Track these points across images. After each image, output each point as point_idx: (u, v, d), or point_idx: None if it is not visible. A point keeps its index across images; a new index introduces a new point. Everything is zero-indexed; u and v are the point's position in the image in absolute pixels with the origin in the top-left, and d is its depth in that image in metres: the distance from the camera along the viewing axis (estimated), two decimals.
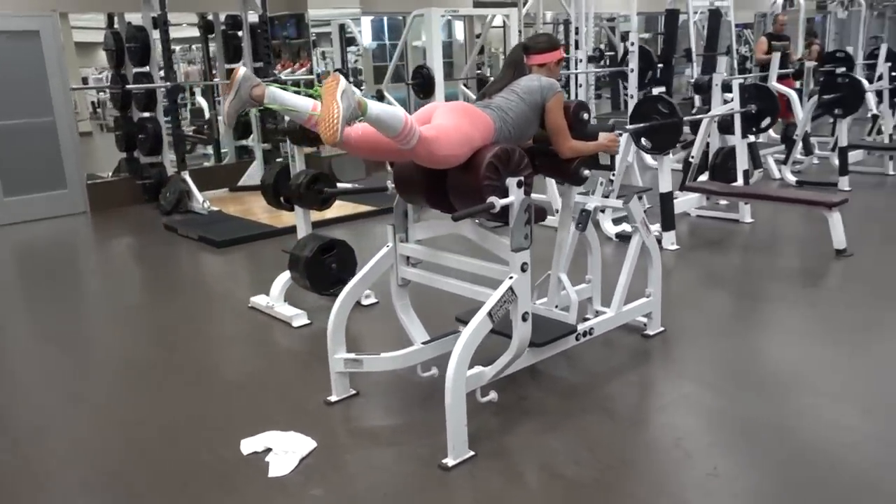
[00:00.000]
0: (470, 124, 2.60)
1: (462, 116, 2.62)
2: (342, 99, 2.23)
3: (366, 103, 2.31)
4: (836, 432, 2.61)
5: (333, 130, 2.22)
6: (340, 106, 2.22)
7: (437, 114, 2.64)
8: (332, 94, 2.23)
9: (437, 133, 2.47)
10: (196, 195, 6.86)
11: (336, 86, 2.25)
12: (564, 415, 2.84)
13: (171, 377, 3.35)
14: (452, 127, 2.54)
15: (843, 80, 6.35)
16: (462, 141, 2.53)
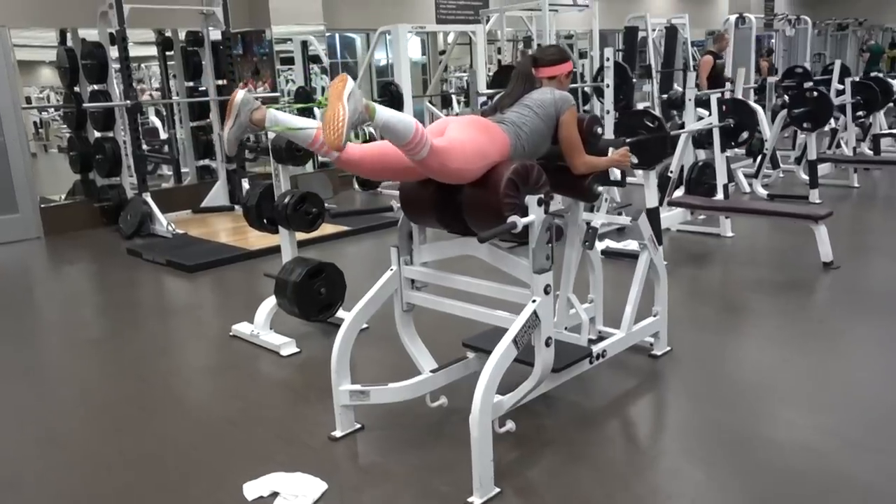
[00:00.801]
0: (486, 139, 2.46)
1: (477, 130, 2.49)
2: (348, 101, 2.09)
3: (374, 107, 2.16)
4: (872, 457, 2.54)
5: (338, 134, 2.06)
6: (346, 108, 2.07)
7: (451, 127, 2.50)
8: (339, 95, 2.08)
9: (450, 144, 2.33)
10: (159, 217, 6.57)
11: (343, 87, 2.10)
12: (587, 444, 2.70)
13: (153, 415, 3.10)
14: (467, 140, 2.40)
15: (812, 95, 6.43)
16: (477, 155, 2.39)
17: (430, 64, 10.73)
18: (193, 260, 5.46)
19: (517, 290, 2.55)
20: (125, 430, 2.95)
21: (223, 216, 7.40)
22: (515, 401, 2.57)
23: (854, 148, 7.70)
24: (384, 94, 8.05)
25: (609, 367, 3.24)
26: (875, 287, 4.36)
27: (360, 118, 2.13)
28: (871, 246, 5.29)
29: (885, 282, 4.47)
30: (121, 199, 6.91)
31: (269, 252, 5.67)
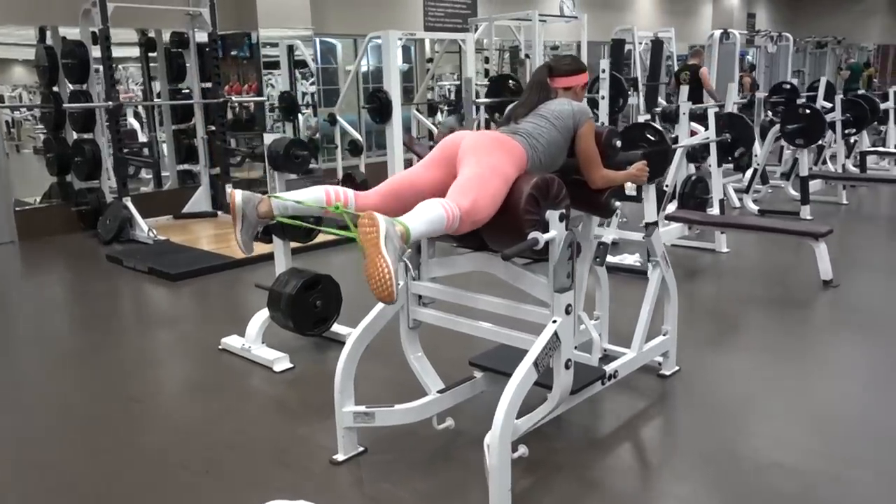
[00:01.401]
0: (505, 159, 2.36)
1: (495, 150, 2.37)
2: (387, 248, 1.91)
3: (408, 231, 2.01)
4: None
5: (389, 291, 1.91)
6: (388, 259, 1.90)
7: (468, 150, 2.38)
8: (375, 244, 1.90)
9: (473, 200, 2.21)
10: (140, 223, 6.36)
11: (376, 234, 1.91)
12: (601, 470, 2.59)
13: (141, 436, 2.92)
14: (488, 171, 2.29)
15: (805, 111, 6.42)
16: (500, 187, 2.30)
17: (416, 71, 10.62)
18: (177, 268, 5.27)
19: (534, 309, 2.44)
20: (111, 453, 2.77)
21: (205, 222, 7.20)
22: (532, 424, 2.45)
23: (843, 165, 7.72)
24: (372, 100, 7.90)
25: (618, 386, 3.12)
26: (876, 306, 4.31)
27: (401, 251, 1.99)
28: (867, 264, 5.26)
29: (887, 301, 4.42)
30: (99, 203, 6.68)
31: (256, 261, 5.50)
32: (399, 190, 2.45)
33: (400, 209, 2.49)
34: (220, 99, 7.11)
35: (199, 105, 7.36)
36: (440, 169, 2.47)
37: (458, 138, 2.49)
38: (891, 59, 20.51)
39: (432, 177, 2.46)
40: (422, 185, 2.44)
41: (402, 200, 2.43)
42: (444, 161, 2.47)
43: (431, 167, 2.49)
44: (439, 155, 2.50)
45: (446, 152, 2.48)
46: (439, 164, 2.48)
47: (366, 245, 1.93)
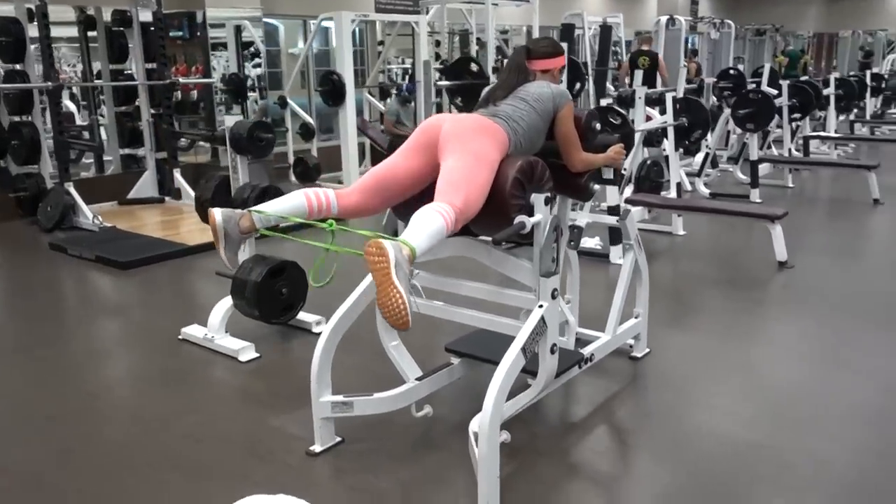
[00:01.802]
0: (489, 143, 2.31)
1: (478, 135, 2.31)
2: (398, 277, 1.86)
3: (413, 250, 1.95)
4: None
5: (404, 319, 1.87)
6: (400, 289, 1.85)
7: (450, 138, 2.32)
8: (386, 275, 1.85)
9: (467, 197, 2.17)
10: (83, 209, 6.08)
11: (387, 263, 1.86)
12: (584, 453, 2.59)
13: (104, 432, 2.79)
14: (474, 161, 2.24)
15: (756, 97, 6.55)
16: (488, 175, 2.26)
17: (367, 54, 10.45)
18: (126, 256, 5.06)
19: (518, 294, 2.41)
20: (73, 452, 2.63)
21: (152, 208, 6.95)
22: (515, 410, 2.43)
23: (790, 149, 7.92)
24: (325, 83, 7.75)
25: (591, 370, 3.12)
26: (829, 286, 4.43)
27: (410, 276, 1.94)
28: (817, 245, 5.41)
29: (839, 281, 4.55)
30: (39, 189, 6.35)
31: (209, 248, 5.26)
32: (380, 182, 2.39)
33: (383, 202, 2.44)
34: (165, 80, 6.84)
35: (143, 87, 7.07)
36: (420, 156, 2.40)
37: (437, 122, 2.43)
38: (825, 46, 21.18)
39: (413, 165, 2.40)
40: (403, 175, 2.39)
41: (384, 192, 2.39)
42: (425, 147, 2.40)
43: (411, 155, 2.42)
44: (419, 141, 2.43)
45: (426, 138, 2.41)
46: (419, 150, 2.41)
47: (376, 276, 1.88)
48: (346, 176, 7.92)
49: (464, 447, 2.44)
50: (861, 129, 10.99)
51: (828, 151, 9.37)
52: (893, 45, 19.75)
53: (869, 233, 6.11)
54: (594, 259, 4.90)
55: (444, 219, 2.07)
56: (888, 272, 4.79)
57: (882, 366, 3.30)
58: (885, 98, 12.38)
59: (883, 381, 3.13)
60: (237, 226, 2.25)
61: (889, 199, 6.88)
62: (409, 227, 2.05)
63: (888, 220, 6.40)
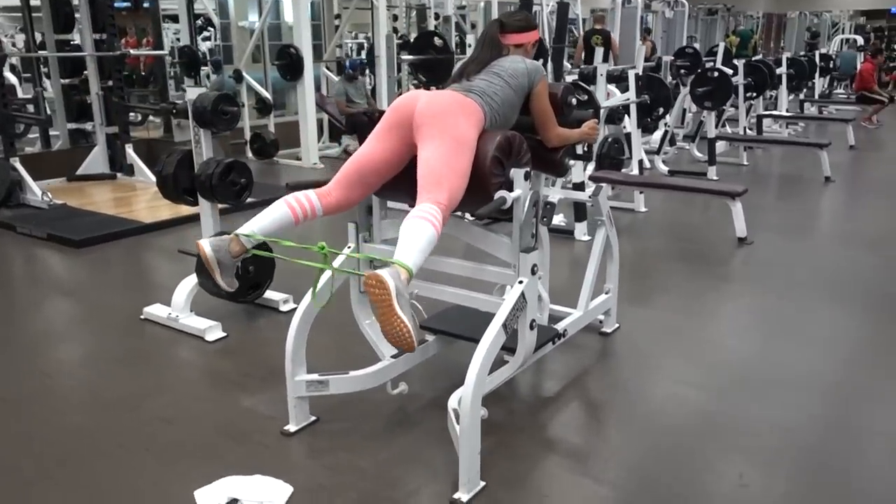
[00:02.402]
0: (466, 123, 2.27)
1: (454, 115, 2.26)
2: (400, 304, 1.88)
3: (410, 272, 1.96)
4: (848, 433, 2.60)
5: (410, 346, 1.93)
6: (403, 318, 1.87)
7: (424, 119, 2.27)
8: (389, 306, 1.87)
9: (450, 189, 2.16)
10: (32, 186, 5.86)
11: (388, 295, 1.87)
12: (560, 428, 2.62)
13: (69, 415, 2.70)
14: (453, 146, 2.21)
15: (713, 75, 6.64)
16: (468, 158, 2.23)
17: (324, 28, 10.23)
18: (80, 234, 4.89)
19: (497, 270, 2.40)
20: (37, 436, 2.54)
21: (103, 185, 6.73)
22: (492, 387, 2.42)
23: (745, 128, 8.07)
24: (282, 57, 7.58)
25: (562, 346, 3.14)
26: (788, 261, 4.54)
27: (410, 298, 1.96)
28: (774, 222, 5.53)
29: (797, 256, 4.67)
30: None
31: (167, 225, 5.23)
32: (358, 173, 2.35)
33: (364, 191, 2.41)
34: (115, 52, 6.60)
35: (91, 58, 6.79)
36: (394, 137, 2.34)
37: (411, 101, 2.35)
38: (774, 27, 21.58)
39: (388, 148, 2.35)
40: (379, 161, 2.35)
41: (364, 182, 2.36)
42: (398, 127, 2.34)
43: (385, 137, 2.36)
44: (391, 121, 2.36)
45: (399, 116, 2.34)
46: (392, 131, 2.35)
47: (379, 306, 1.90)
48: (305, 152, 7.80)
49: (440, 423, 2.43)
50: (810, 109, 11.28)
51: (779, 130, 9.58)
52: (838, 26, 20.26)
53: (822, 210, 6.28)
54: (559, 236, 4.92)
55: (433, 225, 2.06)
56: (841, 247, 4.94)
57: (837, 337, 3.41)
58: (833, 78, 12.70)
59: (836, 352, 3.23)
60: (228, 252, 2.23)
61: (839, 176, 7.08)
62: (400, 241, 2.04)
63: (840, 197, 6.60)
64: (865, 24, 22.93)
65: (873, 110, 10.94)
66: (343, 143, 8.57)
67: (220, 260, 2.22)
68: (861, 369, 3.07)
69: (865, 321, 3.60)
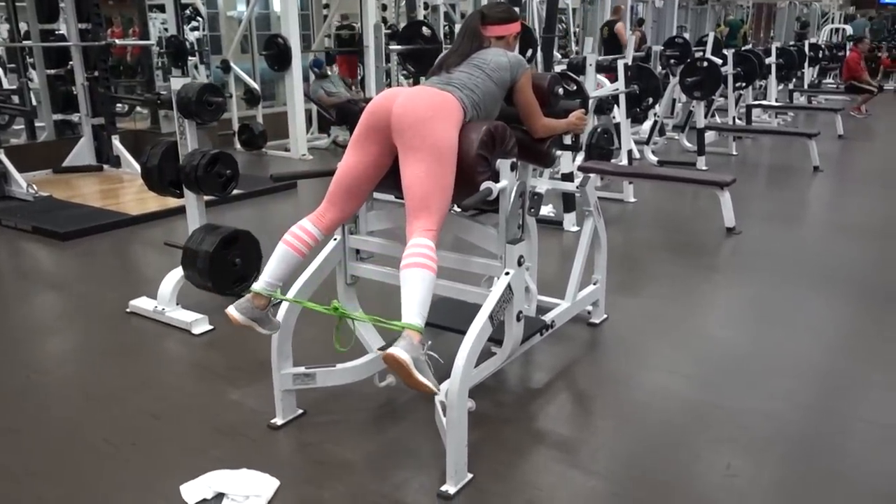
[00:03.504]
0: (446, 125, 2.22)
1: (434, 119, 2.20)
2: (420, 371, 1.97)
3: (420, 330, 2.04)
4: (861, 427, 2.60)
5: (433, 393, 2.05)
6: (426, 382, 1.98)
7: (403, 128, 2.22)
8: (410, 377, 1.96)
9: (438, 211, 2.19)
10: (17, 178, 5.80)
11: (409, 368, 1.94)
12: (548, 419, 2.61)
13: (54, 410, 2.68)
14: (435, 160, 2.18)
15: (703, 65, 6.63)
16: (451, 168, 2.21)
17: (312, 18, 10.16)
18: (65, 226, 4.84)
19: (483, 262, 2.38)
20: (23, 431, 2.52)
21: (90, 177, 6.67)
22: (480, 379, 2.42)
23: (734, 118, 8.07)
24: (270, 46, 7.52)
25: (551, 337, 3.14)
26: (776, 250, 4.55)
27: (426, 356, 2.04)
28: (762, 211, 5.54)
29: (785, 245, 4.68)
30: None
31: (153, 217, 5.19)
32: (345, 189, 2.35)
33: (358, 202, 2.43)
34: (101, 42, 6.52)
35: (77, 48, 6.71)
36: (372, 143, 2.31)
37: (386, 103, 2.28)
38: (764, 16, 21.59)
39: (368, 156, 2.32)
40: (363, 171, 2.33)
41: (354, 195, 2.37)
42: (375, 132, 2.29)
43: (363, 146, 2.32)
44: (369, 125, 2.31)
45: (375, 121, 2.29)
46: (370, 137, 2.31)
47: (400, 376, 1.99)
48: (294, 142, 7.76)
49: (428, 415, 2.42)
50: (799, 98, 11.29)
51: (769, 120, 9.59)
52: (827, 15, 20.27)
53: (811, 199, 6.30)
54: (548, 227, 4.91)
55: (430, 269, 2.09)
56: (829, 237, 4.95)
57: (826, 326, 3.42)
58: (822, 68, 12.71)
59: (825, 341, 3.25)
60: (255, 309, 2.28)
61: (827, 166, 7.10)
62: (404, 298, 2.07)
63: (828, 187, 6.61)
64: (855, 13, 22.96)
65: (862, 100, 10.97)
66: (332, 135, 8.53)
67: (254, 318, 2.28)
68: (850, 358, 3.08)
69: (854, 310, 3.61)
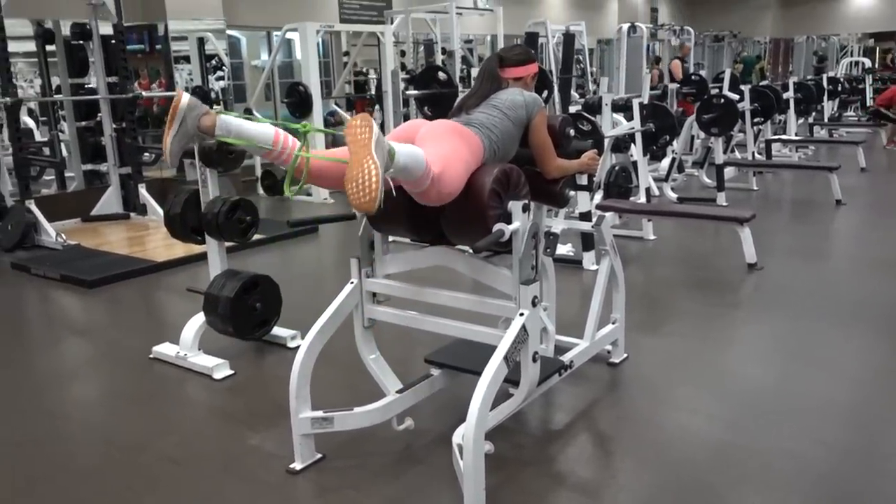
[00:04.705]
0: (465, 148, 2.28)
1: (456, 138, 2.29)
2: (377, 152, 1.80)
3: (394, 150, 1.90)
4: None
5: (371, 197, 1.79)
6: (377, 161, 1.78)
7: (427, 137, 2.29)
8: (366, 146, 1.79)
9: (443, 167, 2.13)
10: (46, 227, 5.95)
11: (369, 135, 1.79)
12: (568, 462, 2.58)
13: (75, 457, 2.70)
14: (452, 154, 2.21)
15: (720, 101, 6.66)
16: (463, 170, 2.23)
17: (332, 64, 10.40)
18: (92, 274, 4.94)
19: (497, 303, 2.39)
20: (44, 478, 2.55)
21: (117, 225, 6.81)
22: (498, 421, 2.41)
23: (753, 153, 8.06)
24: (292, 94, 7.69)
25: (570, 377, 3.12)
26: (799, 287, 4.49)
27: (386, 166, 1.86)
28: (784, 246, 5.50)
29: (808, 281, 4.62)
30: None
31: (178, 263, 5.27)
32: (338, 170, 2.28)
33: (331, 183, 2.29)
34: (128, 94, 6.73)
35: (105, 101, 6.93)
36: None
37: (415, 125, 2.40)
38: (782, 51, 21.66)
39: None
40: None
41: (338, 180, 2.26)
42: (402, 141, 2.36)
43: None
44: (397, 137, 2.38)
45: (404, 135, 2.36)
46: None
47: (353, 145, 1.81)
48: (316, 188, 7.86)
49: (447, 459, 2.41)
50: (820, 132, 11.25)
51: (789, 154, 9.55)
52: (846, 49, 20.27)
53: (834, 233, 6.23)
54: (567, 266, 4.92)
55: (425, 159, 2.01)
56: (854, 271, 4.89)
57: (850, 363, 3.36)
58: (842, 101, 12.68)
59: (852, 378, 3.18)
60: (198, 119, 2.07)
61: (850, 199, 7.03)
62: None
63: (852, 221, 6.54)
64: (875, 46, 22.91)
65: (892, 131, 10.91)
66: None
67: (186, 119, 2.05)
68: (877, 395, 3.02)
69: (880, 346, 3.55)
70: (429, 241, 2.53)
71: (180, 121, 2.08)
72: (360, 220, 2.57)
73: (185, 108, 2.07)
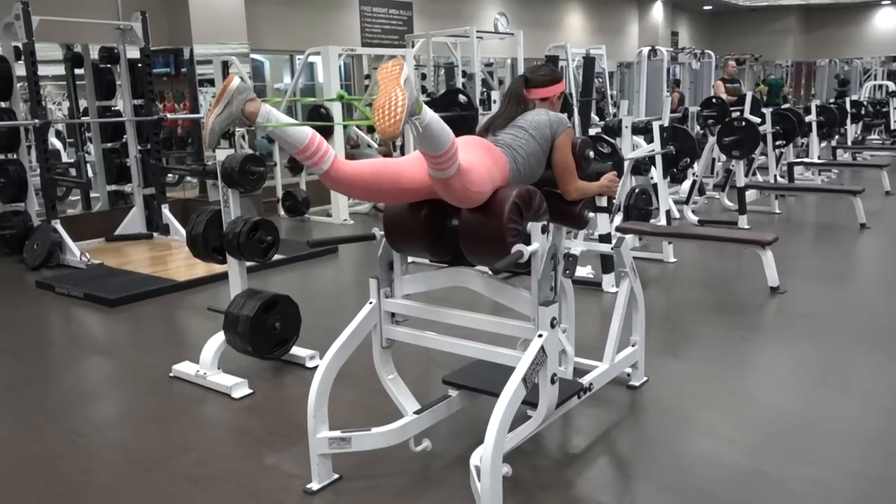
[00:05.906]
0: (492, 162, 2.32)
1: (483, 152, 2.33)
2: (406, 85, 1.90)
3: (421, 102, 1.98)
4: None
5: (395, 120, 1.87)
6: (405, 92, 1.88)
7: None
8: (395, 79, 1.90)
9: (470, 166, 2.15)
10: (71, 247, 6.04)
11: (399, 71, 1.92)
12: (587, 485, 2.55)
13: (95, 475, 2.72)
14: (478, 161, 2.24)
15: (741, 124, 6.63)
16: (488, 178, 2.25)
17: (354, 87, 10.52)
18: (115, 293, 5.00)
19: (516, 324, 2.39)
20: (65, 496, 2.56)
21: (140, 244, 6.90)
22: (516, 443, 2.39)
23: (775, 175, 8.01)
24: (313, 116, 7.78)
25: (589, 399, 3.09)
26: (822, 311, 4.43)
27: (412, 109, 1.93)
28: (807, 269, 5.43)
29: (832, 305, 4.56)
30: (25, 227, 6.30)
31: (199, 283, 5.32)
32: (380, 173, 2.29)
33: (373, 188, 2.31)
34: (153, 116, 6.85)
35: (131, 123, 7.06)
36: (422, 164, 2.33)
37: None
38: (804, 74, 21.56)
39: (416, 170, 2.28)
40: (402, 173, 2.30)
41: (379, 179, 2.28)
42: None
43: (417, 162, 2.31)
44: None
45: None
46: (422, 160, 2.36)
47: (384, 81, 1.92)
48: (335, 209, 7.93)
49: (464, 481, 2.39)
50: (843, 155, 11.15)
51: (812, 177, 9.47)
52: (869, 72, 20.13)
53: (858, 257, 6.16)
54: (587, 288, 4.89)
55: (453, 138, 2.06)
56: (879, 295, 4.82)
57: (877, 388, 3.30)
58: (866, 124, 12.57)
59: (879, 403, 3.12)
60: (244, 103, 2.08)
61: (875, 223, 6.95)
62: None
63: (876, 244, 6.46)
64: None
65: None
66: None
67: (233, 101, 2.07)
68: None
69: None
70: (447, 262, 2.54)
71: (227, 101, 2.10)
72: (378, 241, 2.58)
73: (235, 90, 2.10)
